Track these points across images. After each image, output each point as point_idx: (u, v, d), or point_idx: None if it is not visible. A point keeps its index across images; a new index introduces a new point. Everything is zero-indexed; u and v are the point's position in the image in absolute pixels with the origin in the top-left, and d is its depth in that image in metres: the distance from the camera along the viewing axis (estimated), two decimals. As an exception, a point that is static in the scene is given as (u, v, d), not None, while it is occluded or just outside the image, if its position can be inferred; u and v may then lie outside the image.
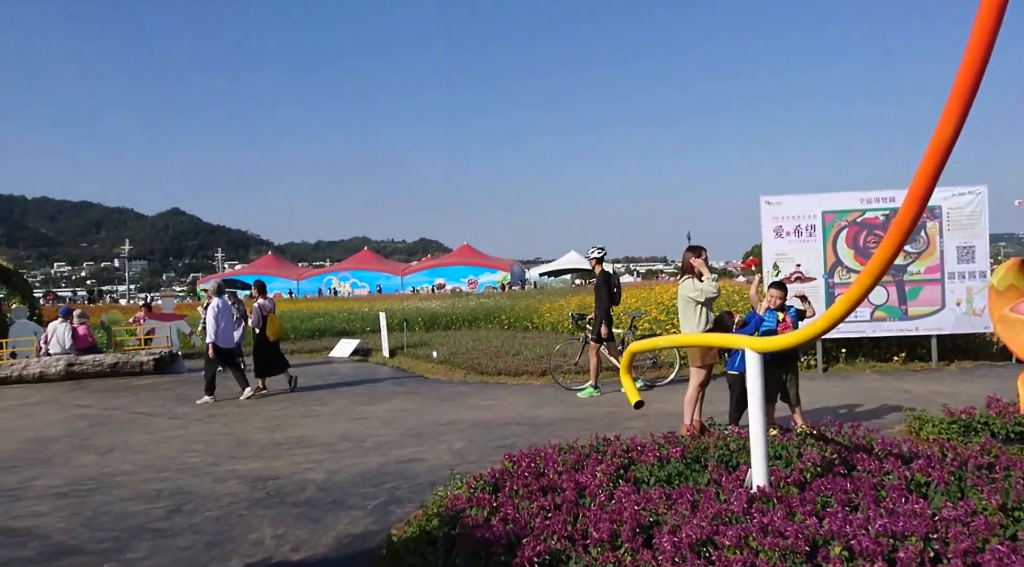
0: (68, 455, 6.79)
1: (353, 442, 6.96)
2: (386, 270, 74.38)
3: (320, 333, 19.76)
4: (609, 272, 9.89)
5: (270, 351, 10.67)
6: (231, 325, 10.27)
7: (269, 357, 10.66)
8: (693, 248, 6.37)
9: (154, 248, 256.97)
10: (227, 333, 10.07)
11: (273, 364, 10.75)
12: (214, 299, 10.14)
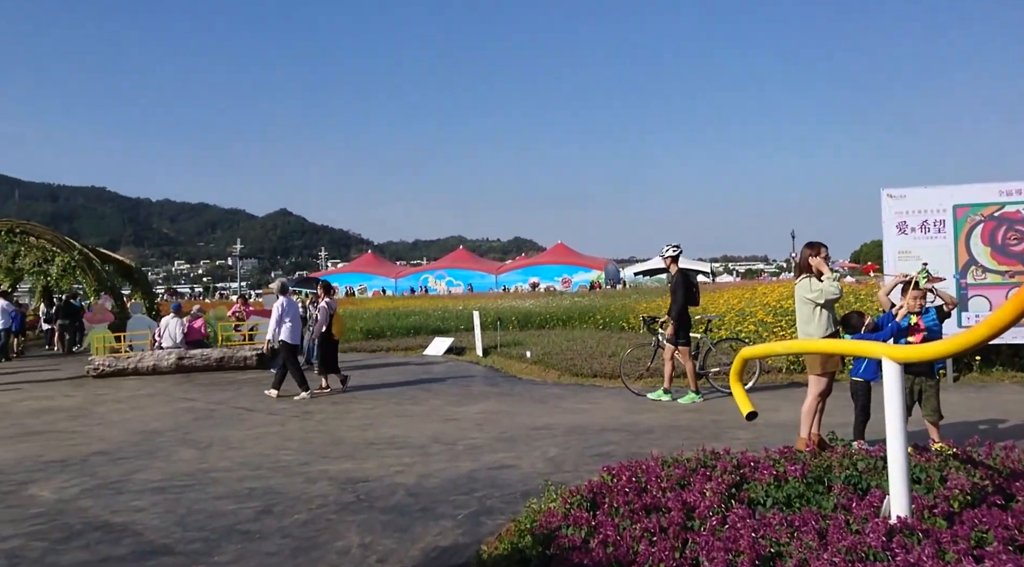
0: (170, 449, 6.93)
1: (444, 445, 6.77)
2: (481, 268, 74.93)
3: (415, 331, 19.93)
4: (686, 271, 9.42)
5: (333, 349, 10.78)
6: (297, 322, 10.45)
7: (332, 355, 10.77)
8: (812, 244, 5.79)
9: (264, 247, 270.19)
10: (294, 330, 10.27)
11: (336, 362, 10.84)
12: (279, 298, 10.37)
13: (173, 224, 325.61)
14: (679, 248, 9.31)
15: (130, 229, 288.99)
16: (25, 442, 7.50)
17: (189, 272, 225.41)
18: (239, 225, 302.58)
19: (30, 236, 19.38)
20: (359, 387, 10.95)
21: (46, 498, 5.30)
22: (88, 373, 13.25)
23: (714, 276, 66.64)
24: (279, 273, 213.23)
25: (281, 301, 10.32)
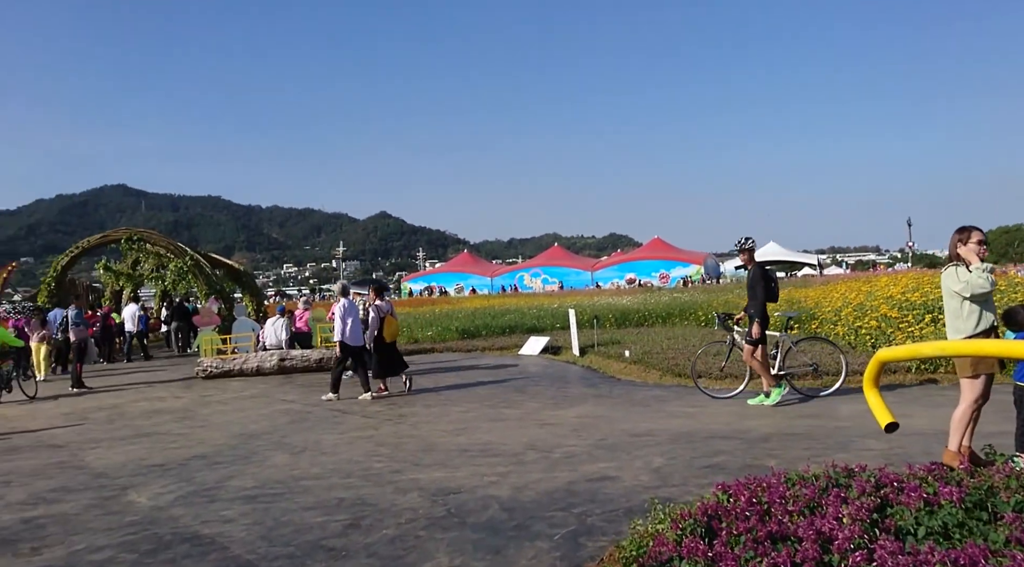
0: (265, 453, 6.89)
1: (540, 452, 6.39)
2: (576, 266, 74.26)
3: (510, 330, 19.69)
4: (764, 265, 8.66)
5: (388, 352, 10.63)
6: (357, 324, 10.38)
7: (387, 358, 10.62)
8: (961, 229, 5.00)
9: (365, 249, 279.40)
10: (355, 332, 10.24)
11: (392, 365, 10.69)
12: (340, 299, 10.39)
13: (282, 229, 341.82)
14: (752, 241, 8.64)
15: (243, 235, 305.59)
16: (133, 444, 7.68)
17: (297, 275, 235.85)
18: (342, 228, 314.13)
19: (146, 243, 20.45)
20: (454, 387, 10.75)
21: (142, 505, 5.29)
22: (197, 374, 13.73)
23: (821, 268, 63.33)
24: (380, 274, 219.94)
25: (342, 303, 10.36)
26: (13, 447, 7.92)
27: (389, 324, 10.62)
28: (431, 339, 18.72)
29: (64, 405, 11.24)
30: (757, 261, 8.65)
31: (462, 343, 17.98)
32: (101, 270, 22.43)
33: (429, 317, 22.59)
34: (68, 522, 4.93)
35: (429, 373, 12.85)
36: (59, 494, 5.70)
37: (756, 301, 8.36)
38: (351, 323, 10.25)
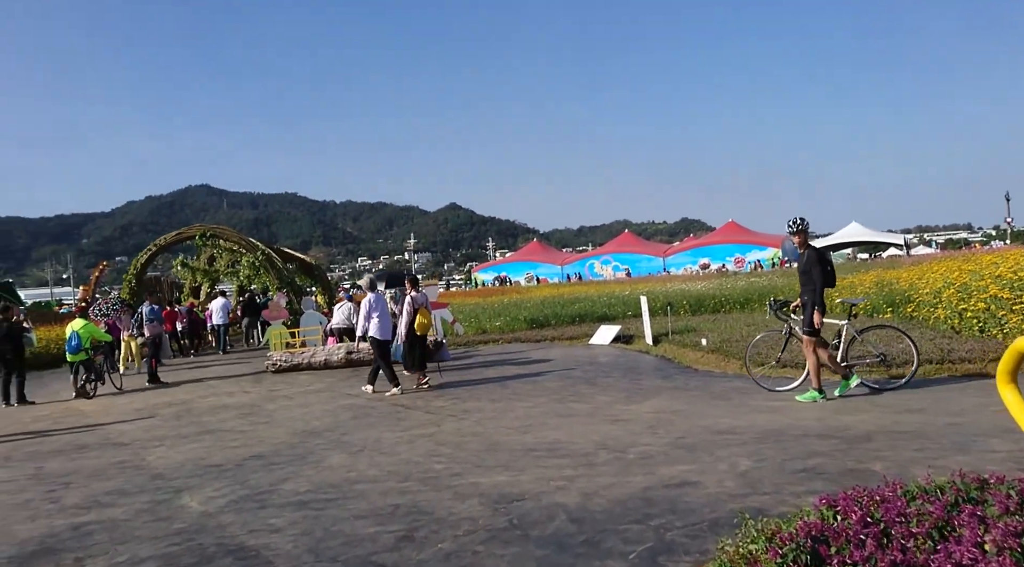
0: (323, 453, 6.61)
1: (613, 452, 5.86)
2: (647, 252, 72.79)
3: (580, 319, 19.13)
4: (820, 248, 7.93)
5: (419, 345, 10.47)
6: (386, 318, 10.26)
7: (418, 351, 10.44)
8: None
9: (436, 240, 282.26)
10: (383, 325, 10.13)
11: (423, 358, 10.53)
12: (368, 294, 10.28)
13: (356, 223, 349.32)
14: (806, 222, 7.86)
15: (319, 230, 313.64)
16: (195, 442, 7.57)
17: (371, 268, 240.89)
18: (413, 221, 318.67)
19: (219, 239, 20.84)
20: (521, 380, 10.31)
21: (193, 510, 5.06)
22: (267, 369, 13.77)
23: (908, 248, 60.00)
24: (451, 265, 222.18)
25: (369, 297, 10.25)
26: (82, 445, 7.94)
27: (423, 316, 10.41)
28: (499, 329, 18.37)
29: (138, 400, 11.39)
30: (811, 244, 7.92)
31: (531, 333, 17.54)
32: (178, 267, 23.05)
33: (498, 307, 22.26)
34: (116, 529, 4.73)
35: (496, 365, 12.47)
36: (113, 497, 5.55)
37: (813, 287, 7.65)
38: (378, 317, 10.10)
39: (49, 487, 6.06)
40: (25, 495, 5.86)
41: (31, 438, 8.73)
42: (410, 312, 10.29)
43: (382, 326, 10.14)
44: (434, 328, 14.34)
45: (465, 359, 13.69)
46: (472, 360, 13.48)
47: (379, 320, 10.11)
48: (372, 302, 10.20)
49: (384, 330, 10.18)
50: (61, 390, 13.57)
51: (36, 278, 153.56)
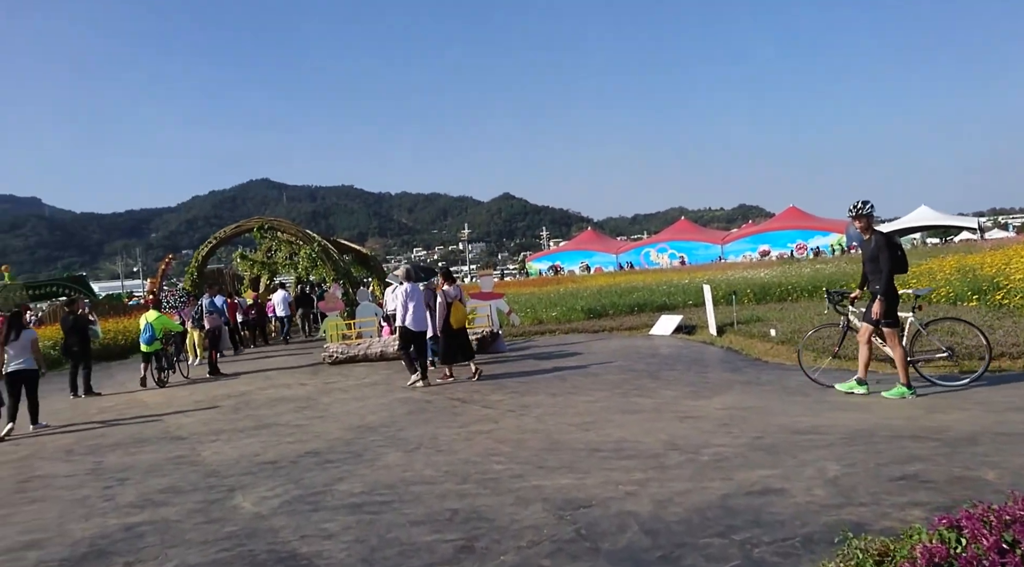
0: (378, 451, 6.37)
1: (684, 454, 5.45)
2: (704, 239, 71.22)
3: (639, 308, 18.60)
4: (888, 233, 7.32)
5: (454, 338, 10.26)
6: (421, 309, 10.12)
7: (453, 344, 10.26)
8: None
9: (490, 230, 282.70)
10: (417, 316, 10.02)
11: (458, 351, 10.31)
12: (404, 284, 10.15)
13: (411, 214, 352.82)
14: (871, 205, 7.24)
15: (375, 221, 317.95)
16: (251, 437, 7.46)
17: (426, 258, 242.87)
18: (467, 211, 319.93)
19: (277, 231, 21.00)
20: (581, 373, 9.94)
21: (245, 512, 4.87)
22: (324, 360, 13.75)
23: (982, 232, 57.00)
24: (505, 255, 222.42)
25: (405, 287, 10.11)
26: (141, 438, 7.94)
27: (456, 310, 10.26)
28: (555, 320, 18.00)
29: (199, 392, 11.46)
30: (877, 229, 7.31)
31: (588, 323, 17.11)
32: (238, 259, 23.36)
33: (553, 297, 21.88)
34: (168, 531, 4.58)
35: (553, 357, 12.12)
36: (168, 496, 5.43)
37: (881, 275, 7.08)
38: (413, 308, 9.99)
39: (106, 483, 6.00)
40: (83, 491, 5.80)
41: (96, 428, 8.82)
42: (443, 306, 10.15)
43: (416, 317, 10.05)
44: (490, 319, 14.10)
45: (521, 350, 13.39)
46: (529, 351, 13.16)
47: (414, 311, 10.01)
48: (407, 292, 10.09)
49: (418, 321, 10.09)
50: (127, 381, 13.83)
51: (109, 271, 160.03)
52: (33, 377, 9.35)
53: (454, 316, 10.20)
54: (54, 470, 6.67)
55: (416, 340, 10.23)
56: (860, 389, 7.26)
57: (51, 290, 37.66)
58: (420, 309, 10.15)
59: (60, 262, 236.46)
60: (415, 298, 10.12)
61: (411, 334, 10.09)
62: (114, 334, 20.19)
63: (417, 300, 10.12)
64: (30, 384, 9.31)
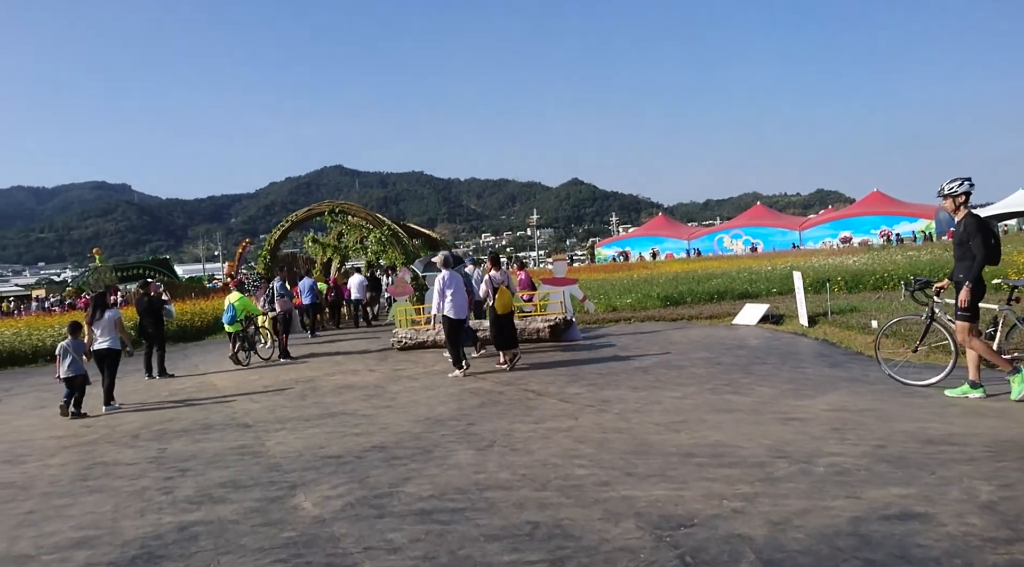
0: (449, 447, 5.90)
1: (794, 462, 4.76)
2: (780, 225, 68.58)
3: (719, 296, 17.65)
4: (982, 217, 6.32)
5: (502, 324, 10.07)
6: (461, 296, 9.87)
7: (503, 330, 10.05)
8: None
9: (558, 216, 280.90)
10: (457, 303, 9.75)
11: (510, 338, 10.10)
12: (443, 271, 9.88)
13: (479, 200, 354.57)
14: (967, 183, 6.31)
15: (444, 207, 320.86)
16: (316, 427, 7.12)
17: (494, 244, 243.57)
18: (535, 197, 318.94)
19: (347, 215, 20.92)
20: (663, 365, 9.26)
21: (305, 514, 4.47)
22: (393, 346, 13.46)
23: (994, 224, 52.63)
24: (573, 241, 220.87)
25: (444, 274, 9.86)
26: (207, 424, 7.73)
27: (502, 295, 10.02)
28: (630, 307, 17.25)
29: (268, 376, 11.31)
30: (971, 211, 6.37)
31: (665, 311, 16.31)
32: (309, 243, 23.46)
33: (627, 283, 21.11)
34: (223, 533, 4.21)
35: (632, 347, 11.44)
36: (227, 491, 5.09)
37: (969, 262, 6.23)
38: (452, 295, 9.72)
39: (167, 473, 5.73)
40: (143, 481, 5.54)
41: (167, 409, 8.71)
42: (489, 292, 9.95)
43: (456, 304, 9.77)
44: (563, 305, 13.51)
45: (596, 339, 12.75)
46: (604, 340, 12.52)
47: (453, 298, 9.74)
48: (446, 279, 9.83)
49: (459, 309, 9.81)
50: (201, 363, 13.91)
51: (191, 255, 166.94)
52: (115, 356, 9.57)
53: (500, 302, 10.00)
54: (118, 457, 6.48)
55: (458, 329, 9.92)
56: (975, 393, 6.37)
57: (138, 272, 39.22)
58: (460, 296, 9.87)
59: (148, 245, 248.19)
60: (453, 285, 9.83)
61: (452, 322, 9.79)
62: (191, 316, 20.58)
63: (456, 287, 9.86)
64: (111, 363, 9.48)
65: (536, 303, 13.98)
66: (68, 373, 8.82)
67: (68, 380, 8.83)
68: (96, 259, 51.22)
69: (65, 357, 8.90)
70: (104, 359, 9.43)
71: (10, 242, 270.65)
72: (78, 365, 8.93)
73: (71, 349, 8.97)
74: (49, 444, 7.34)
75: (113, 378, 9.46)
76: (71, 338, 9.14)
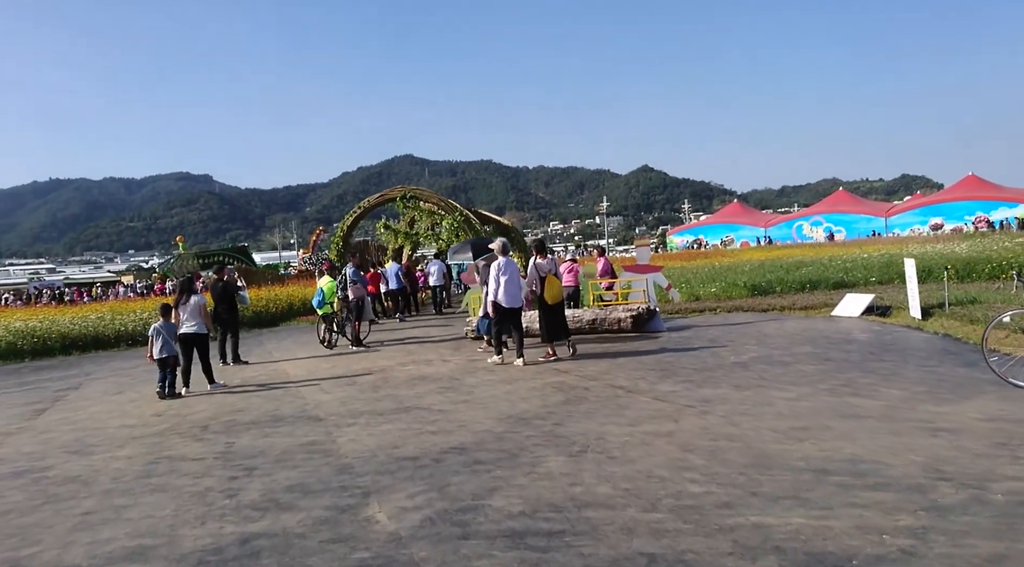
0: (536, 452, 5.26)
1: (963, 488, 3.92)
2: (864, 211, 65.09)
3: (811, 285, 16.45)
4: None
5: (550, 314, 9.72)
6: (515, 284, 9.55)
7: (552, 321, 9.72)
8: None
9: (627, 204, 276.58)
10: (510, 291, 9.44)
11: (558, 328, 9.75)
12: (499, 258, 9.61)
13: (547, 188, 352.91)
14: None
15: (512, 195, 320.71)
16: (390, 423, 6.61)
17: (562, 232, 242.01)
18: (604, 184, 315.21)
19: (419, 200, 20.58)
20: (763, 360, 8.39)
21: (380, 529, 3.92)
22: (467, 334, 12.96)
23: None
24: (643, 229, 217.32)
25: (499, 261, 9.58)
26: (278, 416, 7.34)
27: (551, 284, 9.66)
28: (714, 296, 16.27)
29: (340, 365, 10.97)
30: None
31: (752, 301, 15.27)
32: (381, 229, 23.29)
33: (707, 272, 20.06)
34: (288, 550, 3.70)
35: (723, 339, 10.56)
36: (294, 496, 4.60)
37: None
38: (505, 283, 9.42)
39: (232, 472, 5.30)
40: (207, 481, 5.13)
41: (236, 396, 8.41)
42: (537, 279, 9.64)
43: (509, 292, 9.45)
44: (646, 294, 12.71)
45: (682, 330, 11.90)
46: (691, 332, 11.67)
47: (507, 286, 9.42)
48: (501, 266, 9.53)
49: (512, 297, 9.49)
50: (274, 350, 13.75)
51: (268, 243, 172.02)
52: (203, 340, 9.61)
53: (548, 291, 9.66)
54: (185, 451, 6.13)
55: (510, 317, 9.65)
56: None
57: (218, 259, 40.24)
58: (513, 284, 9.55)
59: (228, 234, 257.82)
60: (508, 272, 9.53)
61: (503, 310, 9.51)
62: (266, 302, 20.65)
63: (511, 275, 9.55)
64: (201, 347, 9.58)
65: (617, 291, 13.20)
66: (161, 354, 9.02)
67: (161, 361, 9.04)
68: (179, 246, 53.08)
69: (157, 338, 9.06)
70: (190, 343, 9.53)
71: (103, 231, 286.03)
72: (170, 346, 9.13)
73: (163, 331, 9.12)
74: (120, 434, 7.09)
75: (207, 359, 9.62)
76: (163, 320, 9.28)
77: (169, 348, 9.07)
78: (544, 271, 9.73)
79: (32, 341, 15.79)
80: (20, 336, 15.82)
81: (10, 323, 16.60)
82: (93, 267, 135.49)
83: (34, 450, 6.64)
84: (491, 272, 9.69)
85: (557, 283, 9.83)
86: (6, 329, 16.13)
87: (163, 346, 9.02)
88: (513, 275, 9.58)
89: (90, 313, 18.60)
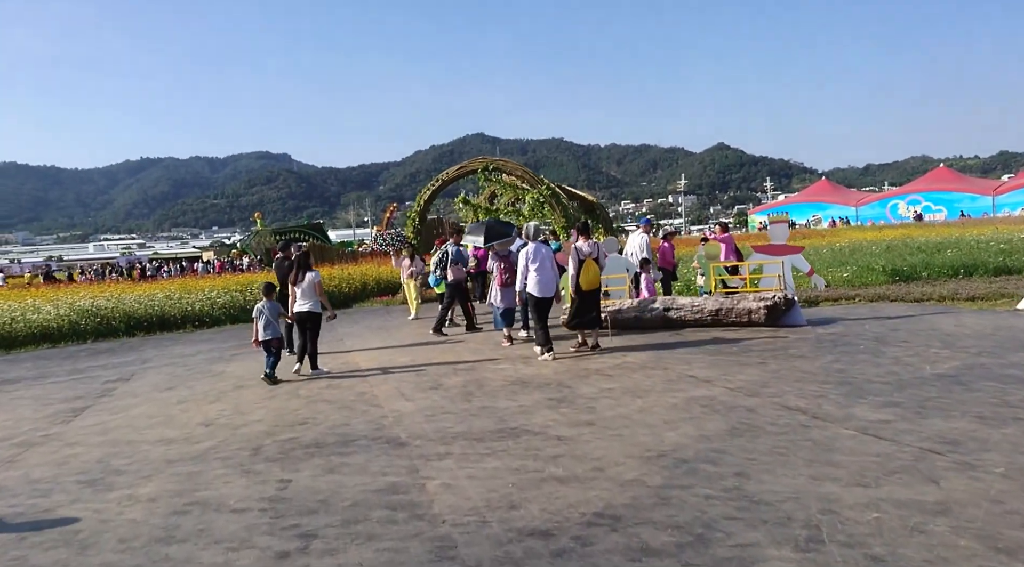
0: (734, 531, 3.41)
1: None
2: (969, 189, 60.12)
3: (965, 271, 13.95)
4: None
5: (584, 301, 8.87)
6: (545, 272, 8.77)
7: (583, 308, 8.89)
8: None
9: (702, 183, 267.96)
10: (542, 280, 8.73)
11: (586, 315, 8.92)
12: (530, 244, 8.93)
13: (619, 166, 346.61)
14: None
15: (584, 174, 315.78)
16: (495, 457, 4.87)
17: (634, 211, 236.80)
18: (678, 163, 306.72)
19: (502, 173, 18.85)
20: (964, 370, 6.26)
21: None
22: (562, 323, 11.18)
23: None
24: (718, 208, 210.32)
25: (529, 247, 8.87)
26: (348, 435, 5.75)
27: (588, 269, 8.76)
28: (847, 283, 13.98)
29: (420, 357, 9.38)
30: None
31: (896, 288, 12.96)
32: (460, 204, 21.71)
33: (828, 254, 17.65)
34: None
35: (888, 339, 8.42)
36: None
37: None
38: (536, 270, 8.70)
39: (282, 543, 3.68)
40: (243, 560, 3.53)
41: (303, 397, 6.89)
42: (577, 263, 8.79)
43: (541, 281, 8.73)
44: (782, 280, 10.63)
45: (827, 326, 9.78)
46: (839, 328, 9.54)
47: (538, 274, 8.71)
48: (531, 253, 8.78)
49: (544, 286, 8.76)
50: (346, 337, 12.32)
51: (343, 220, 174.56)
52: (316, 320, 8.80)
53: (585, 276, 8.80)
54: (225, 492, 4.58)
55: (544, 308, 8.88)
56: None
57: (295, 236, 39.77)
58: (545, 271, 8.78)
59: (305, 211, 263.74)
60: (539, 259, 8.76)
61: (537, 302, 8.78)
62: (339, 281, 19.41)
63: (541, 261, 8.78)
64: (313, 327, 8.80)
65: (746, 277, 11.14)
66: (265, 336, 8.41)
67: (265, 343, 8.44)
68: (257, 223, 53.24)
69: (260, 319, 8.44)
70: (305, 322, 8.75)
71: (189, 207, 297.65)
72: (275, 328, 8.53)
73: (267, 311, 8.48)
74: (153, 454, 5.64)
75: (315, 342, 8.86)
76: (266, 300, 8.58)
77: (273, 330, 8.45)
78: (583, 255, 8.81)
79: (95, 321, 14.90)
80: (84, 315, 14.96)
81: (75, 302, 15.78)
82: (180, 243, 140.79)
83: (45, 476, 5.25)
84: (519, 260, 8.97)
85: (595, 268, 8.91)
86: (71, 307, 15.30)
87: (267, 326, 8.38)
88: (544, 262, 8.78)
89: (158, 291, 17.72)
